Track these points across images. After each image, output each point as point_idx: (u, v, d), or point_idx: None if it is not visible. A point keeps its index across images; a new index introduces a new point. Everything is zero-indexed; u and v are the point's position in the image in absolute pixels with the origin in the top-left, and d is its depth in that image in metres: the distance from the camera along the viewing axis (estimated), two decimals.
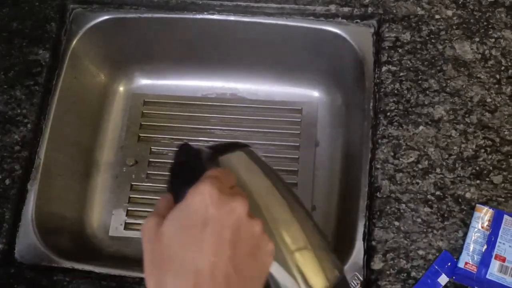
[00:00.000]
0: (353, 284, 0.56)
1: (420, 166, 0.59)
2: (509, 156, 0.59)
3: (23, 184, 0.63)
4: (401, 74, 0.64)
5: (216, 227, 0.31)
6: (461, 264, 0.53)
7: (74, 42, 0.71)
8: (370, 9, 0.69)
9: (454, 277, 0.54)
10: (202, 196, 0.31)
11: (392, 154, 0.60)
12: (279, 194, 0.38)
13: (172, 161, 0.40)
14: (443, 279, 0.54)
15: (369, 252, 0.57)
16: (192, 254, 0.30)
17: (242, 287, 0.31)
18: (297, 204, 0.39)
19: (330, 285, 0.37)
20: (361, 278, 0.57)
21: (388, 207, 0.58)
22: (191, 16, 0.72)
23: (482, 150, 0.59)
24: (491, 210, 0.55)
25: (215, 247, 0.30)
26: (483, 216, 0.55)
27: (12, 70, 0.68)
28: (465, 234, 0.55)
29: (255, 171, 0.39)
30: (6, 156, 0.64)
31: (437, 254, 0.55)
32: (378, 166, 0.60)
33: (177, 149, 0.40)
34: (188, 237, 0.31)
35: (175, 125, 0.82)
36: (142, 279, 0.59)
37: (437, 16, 0.66)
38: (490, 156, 0.59)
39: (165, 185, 0.38)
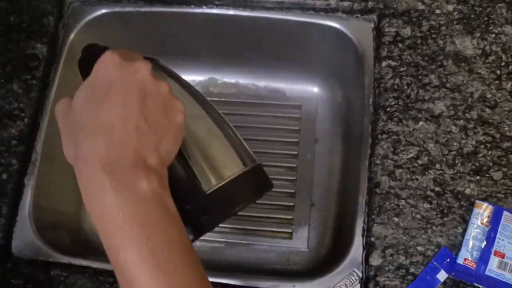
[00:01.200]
0: (351, 280, 0.56)
1: (419, 162, 0.59)
2: (509, 152, 0.58)
3: (20, 178, 0.63)
4: (401, 69, 0.64)
5: (122, 87, 0.32)
6: (460, 260, 0.53)
7: (72, 36, 0.71)
8: (370, 4, 0.68)
9: (453, 273, 0.54)
10: (105, 63, 0.33)
11: (391, 149, 0.60)
12: (195, 98, 0.42)
13: (80, 58, 0.42)
14: (442, 275, 0.54)
15: (368, 248, 0.57)
16: (102, 114, 0.31)
17: (156, 141, 0.32)
18: (212, 108, 0.43)
19: (244, 169, 0.39)
20: (360, 274, 0.56)
21: (387, 203, 0.57)
22: (189, 10, 0.71)
23: (482, 146, 0.59)
24: (490, 206, 0.55)
25: (123, 104, 0.31)
26: (482, 212, 0.55)
27: (10, 64, 0.67)
28: (465, 230, 0.55)
29: (170, 79, 0.42)
30: (3, 150, 0.63)
31: (436, 250, 0.55)
32: (378, 161, 0.60)
33: (82, 48, 0.42)
34: (97, 101, 0.32)
35: None
36: None
37: (437, 11, 0.66)
38: (490, 152, 0.59)
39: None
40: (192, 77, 0.84)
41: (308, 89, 0.81)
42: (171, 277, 0.30)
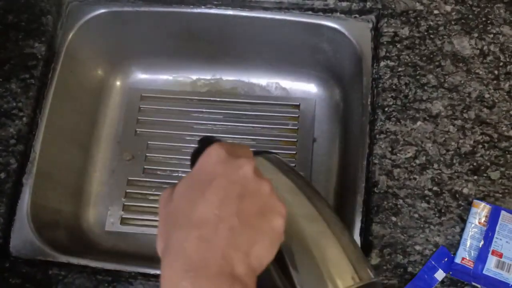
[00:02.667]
0: None
1: (417, 161, 0.59)
2: (507, 152, 0.59)
3: (18, 178, 0.63)
4: (399, 69, 0.64)
5: (222, 182, 0.31)
6: (458, 260, 0.53)
7: (70, 35, 0.71)
8: (368, 4, 0.68)
9: (451, 273, 0.54)
10: (210, 156, 0.32)
11: (389, 149, 0.60)
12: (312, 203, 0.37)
13: (193, 151, 0.40)
14: (440, 275, 0.54)
15: (366, 247, 0.57)
16: (198, 207, 0.30)
17: (248, 245, 0.30)
18: (328, 209, 0.38)
19: (360, 284, 0.34)
20: None
21: (385, 203, 0.58)
22: (188, 10, 0.71)
23: (480, 146, 0.59)
24: (488, 206, 0.55)
25: (220, 201, 0.30)
26: (480, 211, 0.55)
27: (8, 63, 0.67)
28: (462, 229, 0.55)
29: (281, 174, 0.38)
30: (1, 149, 0.63)
31: (434, 250, 0.55)
32: (376, 161, 0.60)
33: (199, 139, 0.41)
34: (195, 192, 0.31)
35: (172, 120, 0.81)
36: (137, 274, 0.58)
37: (436, 12, 0.66)
38: (487, 152, 0.59)
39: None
40: (190, 77, 0.84)
41: (306, 89, 0.82)
42: None
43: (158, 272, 0.58)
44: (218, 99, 0.82)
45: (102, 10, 0.72)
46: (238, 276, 0.29)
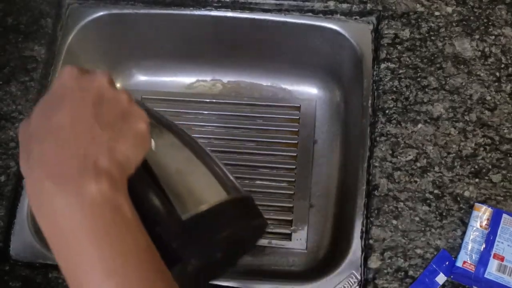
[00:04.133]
0: (350, 283, 0.56)
1: (418, 164, 0.59)
2: (508, 155, 0.58)
3: (18, 181, 0.63)
4: (400, 71, 0.63)
5: (76, 93, 0.31)
6: (459, 263, 0.53)
7: (70, 38, 0.70)
8: (369, 6, 0.68)
9: (452, 276, 0.54)
10: (61, 76, 0.32)
11: (390, 152, 0.60)
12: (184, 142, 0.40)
13: None
14: (441, 278, 0.54)
15: (367, 251, 0.57)
16: (53, 118, 0.30)
17: (110, 143, 0.30)
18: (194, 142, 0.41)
19: (228, 198, 0.37)
20: (359, 277, 0.56)
21: (386, 206, 0.57)
22: (188, 12, 0.71)
23: (481, 149, 0.59)
24: (489, 209, 0.55)
25: (76, 108, 0.30)
26: (481, 215, 0.55)
27: (7, 66, 0.67)
28: (464, 233, 0.55)
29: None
30: (1, 152, 0.63)
31: (435, 253, 0.55)
32: (376, 164, 0.59)
33: None
34: (50, 108, 0.31)
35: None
36: None
37: (436, 13, 0.66)
38: (489, 155, 0.58)
39: None
40: (191, 79, 0.83)
41: (307, 91, 0.81)
42: (124, 283, 0.28)
43: None
44: (218, 101, 0.82)
45: (102, 13, 0.72)
46: (103, 168, 0.29)
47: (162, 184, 0.35)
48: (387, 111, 0.62)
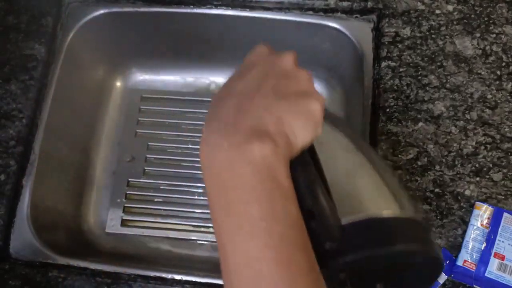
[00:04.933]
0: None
1: (419, 163, 0.58)
2: (509, 153, 0.58)
3: (18, 179, 0.63)
4: (401, 69, 0.63)
5: (262, 67, 0.33)
6: (460, 262, 0.53)
7: (70, 36, 0.70)
8: (370, 4, 0.68)
9: (452, 275, 0.54)
10: (253, 52, 0.35)
11: (391, 150, 0.60)
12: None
13: None
14: (441, 277, 0.54)
15: None
16: (237, 85, 0.33)
17: (281, 115, 0.31)
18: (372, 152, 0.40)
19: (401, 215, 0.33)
20: None
21: None
22: (188, 10, 0.71)
23: (482, 147, 0.59)
24: (490, 208, 0.54)
25: (259, 78, 0.33)
26: (482, 213, 0.54)
27: (8, 64, 0.67)
28: (464, 232, 0.55)
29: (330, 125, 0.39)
30: (1, 151, 0.63)
31: None
32: None
33: None
34: (239, 77, 0.34)
35: (173, 121, 0.81)
36: (137, 276, 0.58)
37: (437, 11, 0.66)
38: (490, 153, 0.58)
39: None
40: (191, 78, 0.83)
41: None
42: (265, 247, 0.28)
43: (157, 274, 0.58)
44: None
45: (102, 11, 0.71)
46: (269, 133, 0.30)
47: (328, 180, 0.33)
48: (387, 110, 0.61)
